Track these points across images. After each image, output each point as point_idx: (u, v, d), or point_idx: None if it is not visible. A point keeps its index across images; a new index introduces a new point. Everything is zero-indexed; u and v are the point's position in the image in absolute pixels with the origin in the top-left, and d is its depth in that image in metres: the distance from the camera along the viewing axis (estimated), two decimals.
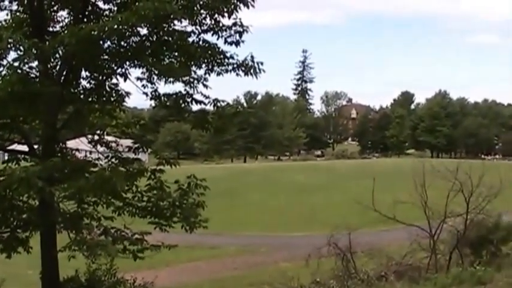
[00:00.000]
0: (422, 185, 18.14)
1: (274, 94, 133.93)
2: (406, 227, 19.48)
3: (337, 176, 63.09)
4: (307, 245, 20.61)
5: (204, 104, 12.06)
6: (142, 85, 11.97)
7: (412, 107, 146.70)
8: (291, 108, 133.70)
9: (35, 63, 10.93)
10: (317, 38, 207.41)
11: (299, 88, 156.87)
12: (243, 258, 33.17)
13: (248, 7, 10.82)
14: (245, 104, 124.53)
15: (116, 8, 11.68)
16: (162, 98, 12.18)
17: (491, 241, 18.49)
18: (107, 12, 11.80)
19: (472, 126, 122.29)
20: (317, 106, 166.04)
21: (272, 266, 28.81)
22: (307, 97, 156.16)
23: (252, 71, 11.11)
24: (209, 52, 11.44)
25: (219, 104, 11.97)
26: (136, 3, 9.71)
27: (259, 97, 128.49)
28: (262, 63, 11.11)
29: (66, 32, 10.40)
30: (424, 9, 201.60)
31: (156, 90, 12.04)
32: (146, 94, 12.01)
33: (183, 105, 12.22)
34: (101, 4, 11.95)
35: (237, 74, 11.29)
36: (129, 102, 12.89)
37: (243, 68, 11.22)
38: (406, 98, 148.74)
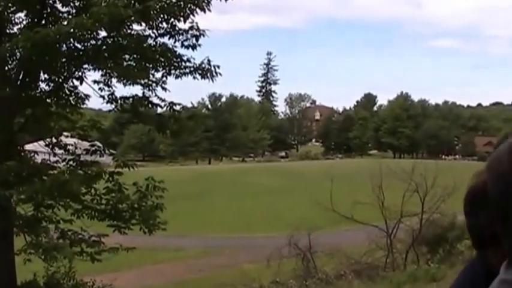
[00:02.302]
0: (379, 186, 18.53)
1: (239, 96, 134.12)
2: (367, 226, 19.85)
3: (300, 178, 63.47)
4: (271, 246, 20.81)
5: (161, 107, 12.14)
6: (99, 88, 12.00)
7: (375, 109, 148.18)
8: (255, 110, 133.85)
9: None
10: (282, 40, 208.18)
11: (263, 90, 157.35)
12: (207, 260, 33.15)
13: (205, 11, 10.95)
14: (210, 106, 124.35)
15: (74, 11, 11.66)
16: (119, 101, 12.21)
17: (447, 239, 18.94)
18: (65, 15, 11.78)
19: (433, 127, 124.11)
20: (281, 108, 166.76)
21: (235, 268, 28.92)
22: (271, 99, 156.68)
23: (208, 74, 11.24)
24: (167, 55, 11.52)
25: (174, 107, 12.06)
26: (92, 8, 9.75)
27: (223, 99, 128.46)
28: (218, 67, 11.26)
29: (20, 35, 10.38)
30: (387, 14, 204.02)
31: (112, 94, 12.08)
32: (103, 97, 12.03)
33: (141, 108, 12.27)
34: (59, 7, 11.92)
35: (194, 78, 11.40)
36: (95, 105, 12.88)
37: (200, 72, 11.33)
38: (369, 100, 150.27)
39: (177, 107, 12.26)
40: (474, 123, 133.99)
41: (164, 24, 11.16)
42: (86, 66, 11.77)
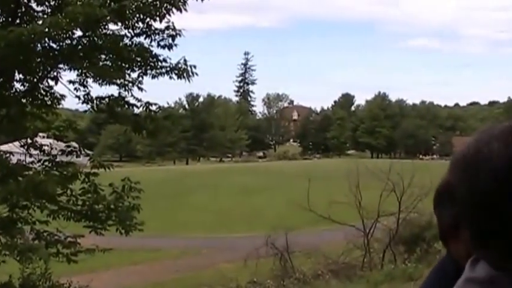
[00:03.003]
0: (357, 186, 18.65)
1: (216, 96, 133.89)
2: (345, 226, 19.96)
3: (278, 178, 63.56)
4: (249, 246, 20.85)
5: (137, 107, 12.09)
6: (75, 88, 11.90)
7: (353, 108, 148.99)
8: (233, 110, 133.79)
9: None
10: (259, 40, 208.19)
11: (241, 90, 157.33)
12: (184, 260, 33.11)
13: (181, 11, 10.92)
14: (187, 106, 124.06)
15: (49, 10, 11.56)
16: (95, 101, 12.12)
17: (424, 239, 19.10)
18: (40, 14, 11.67)
19: (411, 127, 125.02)
20: (259, 108, 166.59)
21: (213, 268, 28.91)
22: (249, 99, 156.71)
23: (185, 74, 11.21)
24: (143, 55, 11.46)
25: (151, 108, 12.02)
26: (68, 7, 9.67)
27: (201, 99, 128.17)
28: (195, 67, 11.23)
29: None
30: (364, 13, 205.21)
31: (88, 94, 11.98)
32: (78, 97, 11.94)
33: (117, 108, 12.19)
34: (34, 6, 11.81)
35: (170, 78, 11.36)
36: (72, 106, 12.78)
37: (176, 72, 11.29)
38: (347, 99, 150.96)
39: (154, 107, 12.23)
40: (451, 123, 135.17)
41: (140, 24, 11.11)
42: (61, 66, 11.66)
